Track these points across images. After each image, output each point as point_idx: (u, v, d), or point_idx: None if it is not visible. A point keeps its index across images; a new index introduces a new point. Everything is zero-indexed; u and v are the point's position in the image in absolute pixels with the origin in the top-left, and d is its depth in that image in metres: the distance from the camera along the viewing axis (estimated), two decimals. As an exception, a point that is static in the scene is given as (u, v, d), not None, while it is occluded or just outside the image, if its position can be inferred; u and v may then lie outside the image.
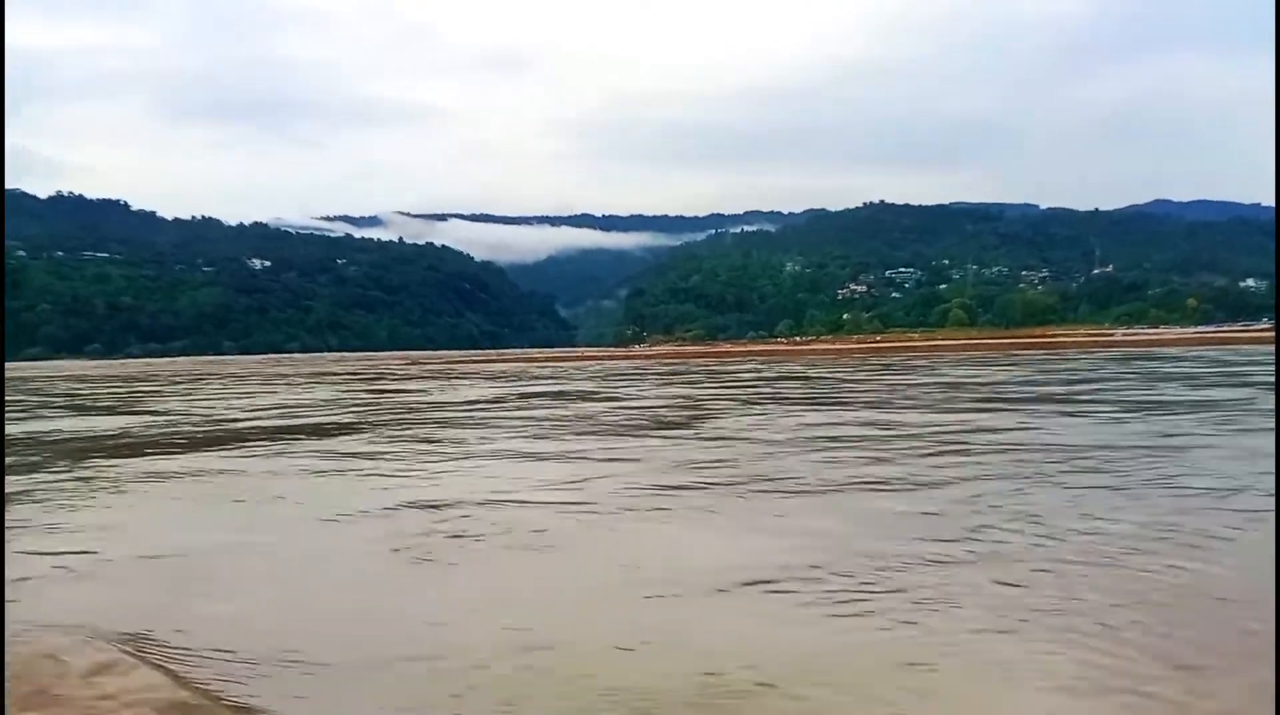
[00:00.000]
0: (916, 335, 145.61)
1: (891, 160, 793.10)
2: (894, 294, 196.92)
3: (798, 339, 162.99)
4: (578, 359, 76.17)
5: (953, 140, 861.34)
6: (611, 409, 17.72)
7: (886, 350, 72.40)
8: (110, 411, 20.81)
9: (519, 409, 18.25)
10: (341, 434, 13.76)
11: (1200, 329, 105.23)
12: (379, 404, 21.08)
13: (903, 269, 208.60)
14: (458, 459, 10.39)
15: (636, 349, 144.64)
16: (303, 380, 37.25)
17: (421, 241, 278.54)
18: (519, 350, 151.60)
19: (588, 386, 27.26)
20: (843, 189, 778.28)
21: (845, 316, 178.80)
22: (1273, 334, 79.00)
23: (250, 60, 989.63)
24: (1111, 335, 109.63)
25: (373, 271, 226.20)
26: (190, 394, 27.98)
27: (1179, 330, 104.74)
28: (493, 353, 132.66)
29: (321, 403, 22.28)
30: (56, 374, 58.58)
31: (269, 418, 17.45)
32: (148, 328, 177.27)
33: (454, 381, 33.15)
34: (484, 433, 13.40)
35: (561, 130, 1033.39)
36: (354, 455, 10.88)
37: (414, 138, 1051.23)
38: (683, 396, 21.16)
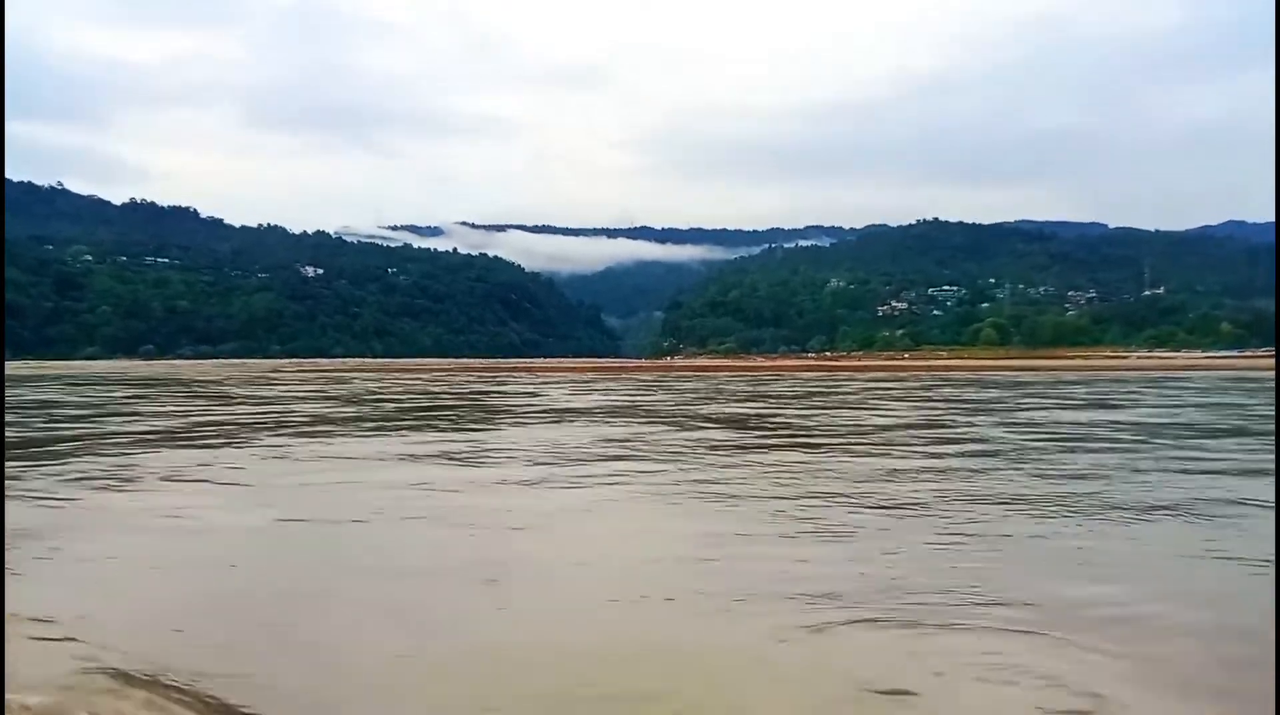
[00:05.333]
0: (945, 353, 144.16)
1: (962, 176, 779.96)
2: (934, 312, 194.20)
3: (828, 354, 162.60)
4: (553, 370, 77.71)
5: (1026, 156, 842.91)
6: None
7: (863, 369, 72.33)
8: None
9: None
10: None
11: (1215, 353, 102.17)
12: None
13: (946, 287, 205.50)
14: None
15: (633, 361, 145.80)
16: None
17: (478, 252, 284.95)
18: (516, 359, 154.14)
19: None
20: (906, 205, 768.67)
21: (882, 333, 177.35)
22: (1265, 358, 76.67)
23: (331, 71, 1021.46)
24: (1126, 357, 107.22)
25: (422, 280, 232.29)
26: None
27: (1189, 354, 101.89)
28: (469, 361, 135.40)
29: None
30: (204, 374, 62.50)
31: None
32: (201, 330, 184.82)
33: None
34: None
35: (629, 143, 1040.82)
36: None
37: (486, 148, 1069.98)
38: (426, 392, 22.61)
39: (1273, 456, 11.06)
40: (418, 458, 11.59)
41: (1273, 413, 18.34)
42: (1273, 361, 71.72)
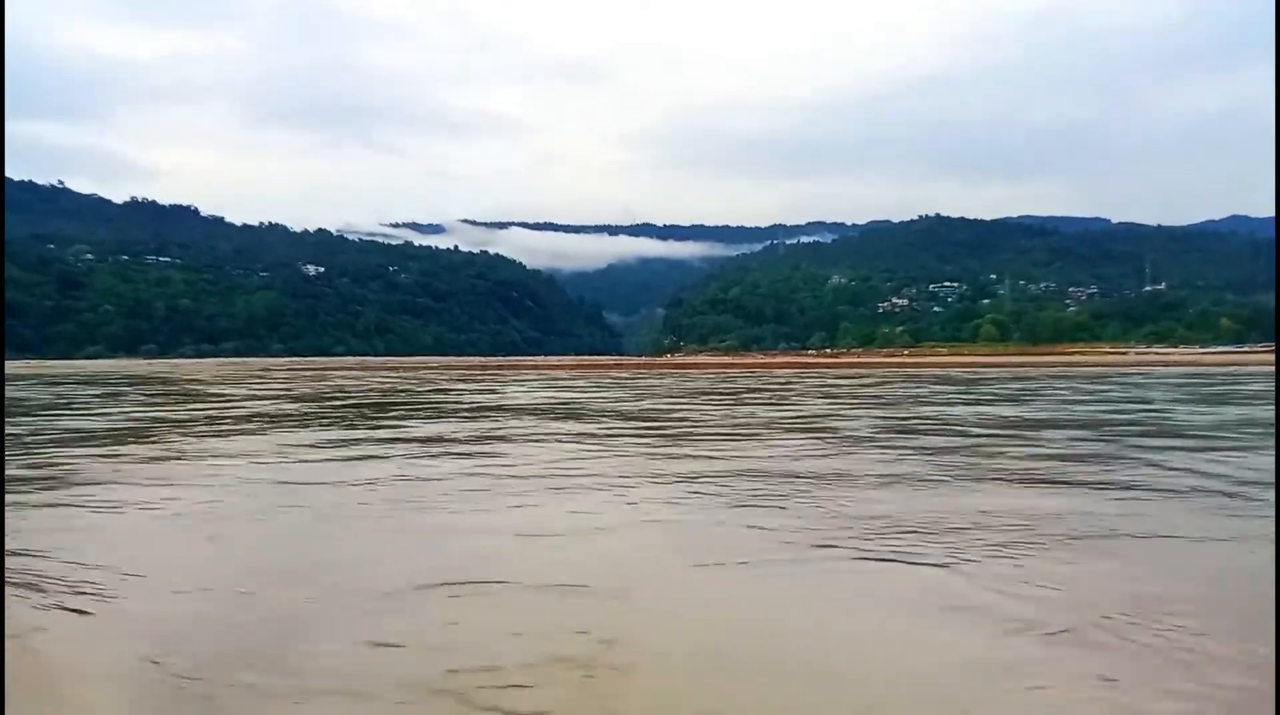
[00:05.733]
0: (945, 350, 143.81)
1: (966, 173, 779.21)
2: (935, 308, 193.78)
3: (829, 352, 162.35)
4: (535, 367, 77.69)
5: (1029, 152, 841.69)
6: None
7: (839, 365, 72.14)
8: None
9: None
10: None
11: (1212, 349, 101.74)
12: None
13: (947, 283, 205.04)
14: None
15: (616, 359, 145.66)
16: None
17: (479, 249, 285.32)
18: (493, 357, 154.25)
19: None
20: (910, 201, 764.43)
21: (882, 330, 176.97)
22: (1260, 355, 76.32)
23: (333, 68, 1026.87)
24: (1125, 353, 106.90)
25: (423, 278, 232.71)
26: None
27: (1186, 350, 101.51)
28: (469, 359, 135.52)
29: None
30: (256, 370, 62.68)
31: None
32: (202, 329, 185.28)
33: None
34: None
35: (631, 140, 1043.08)
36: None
37: (488, 146, 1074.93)
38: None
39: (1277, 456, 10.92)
40: (289, 449, 11.87)
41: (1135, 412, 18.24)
42: (1259, 357, 71.45)
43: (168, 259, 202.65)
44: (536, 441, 12.96)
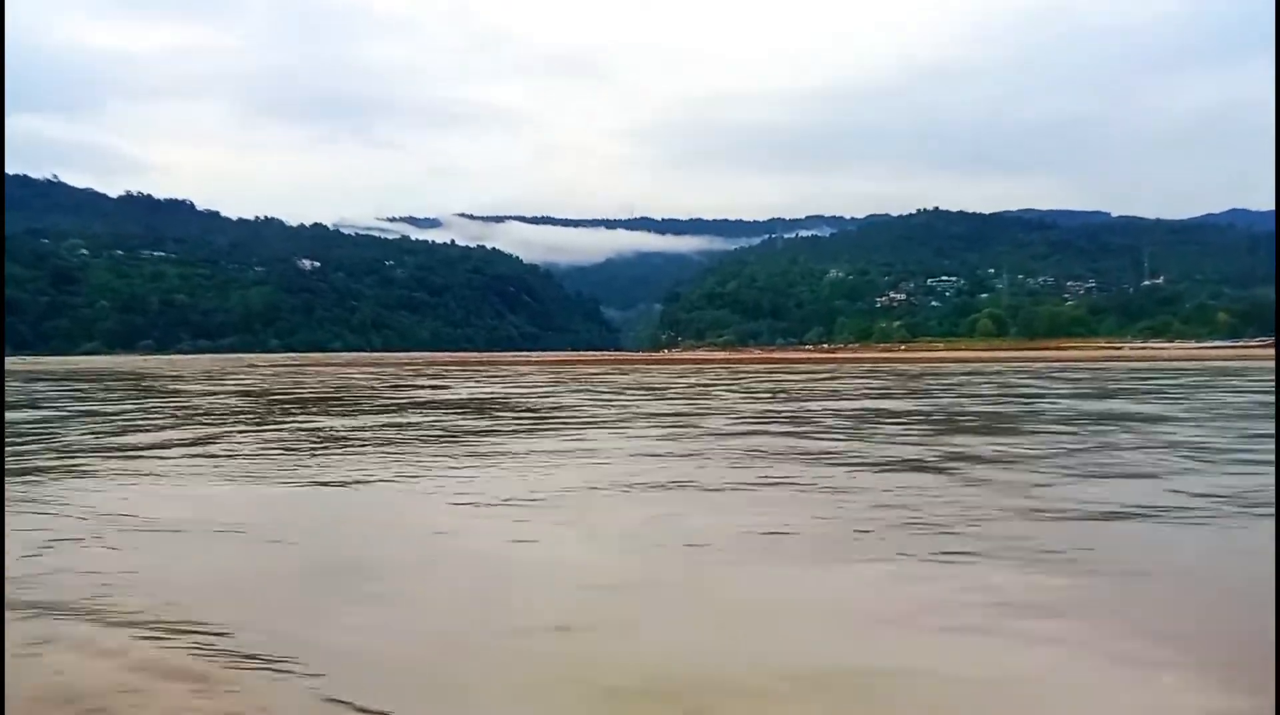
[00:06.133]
0: (942, 344, 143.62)
1: (966, 167, 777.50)
2: (933, 302, 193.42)
3: (825, 346, 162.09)
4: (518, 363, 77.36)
5: (1030, 145, 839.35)
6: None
7: (807, 361, 71.82)
8: None
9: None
10: None
11: (1206, 344, 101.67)
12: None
13: (945, 277, 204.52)
14: None
15: (591, 354, 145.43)
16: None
17: (476, 244, 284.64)
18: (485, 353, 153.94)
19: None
20: (910, 195, 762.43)
21: (879, 325, 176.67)
22: (1258, 349, 76.03)
23: (331, 63, 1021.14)
24: (1119, 348, 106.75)
25: (419, 273, 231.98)
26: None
27: (1181, 345, 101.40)
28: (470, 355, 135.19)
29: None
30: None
31: None
32: (199, 324, 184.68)
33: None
34: None
35: (631, 134, 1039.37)
36: None
37: (488, 140, 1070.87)
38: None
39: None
40: (169, 446, 12.13)
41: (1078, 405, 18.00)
42: (1254, 352, 71.21)
43: (162, 253, 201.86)
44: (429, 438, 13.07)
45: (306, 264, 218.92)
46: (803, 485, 8.26)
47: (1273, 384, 25.11)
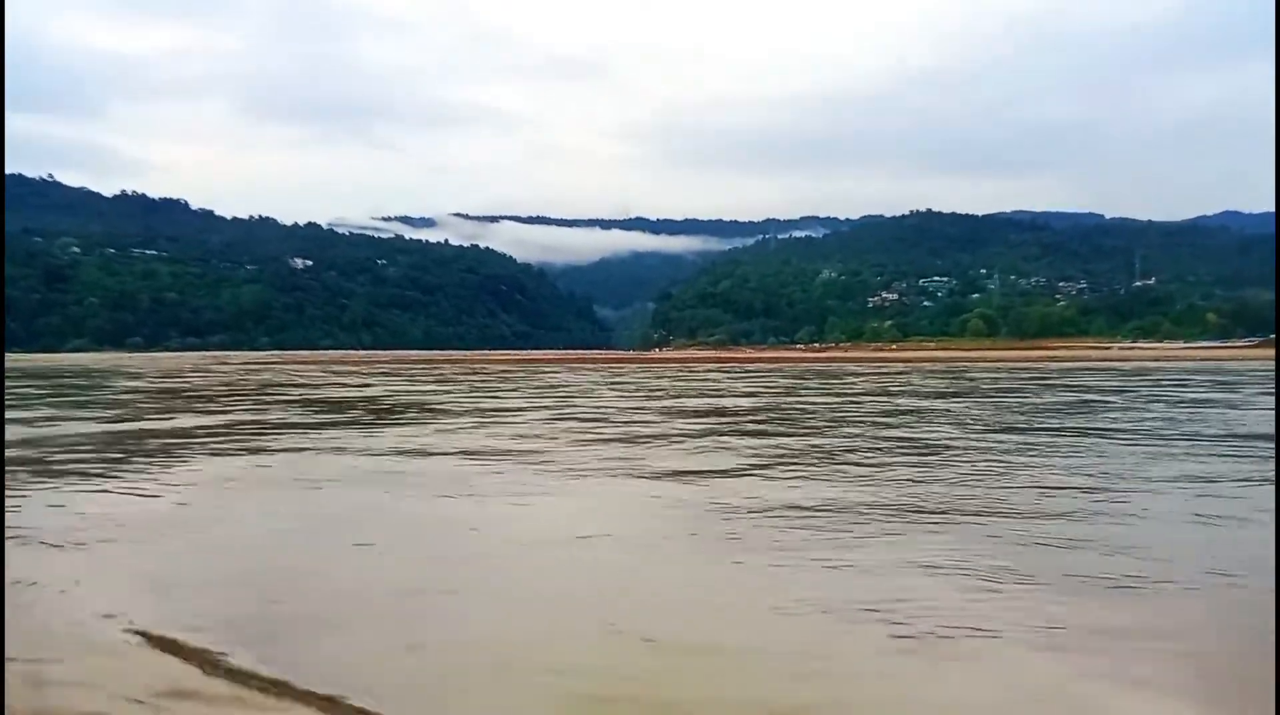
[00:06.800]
0: (932, 344, 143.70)
1: (960, 168, 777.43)
2: (925, 303, 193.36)
3: (816, 346, 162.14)
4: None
5: (1022, 147, 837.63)
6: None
7: (781, 361, 71.88)
8: None
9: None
10: None
11: (1194, 344, 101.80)
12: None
13: (937, 278, 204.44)
14: None
15: (575, 353, 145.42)
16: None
17: (471, 243, 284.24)
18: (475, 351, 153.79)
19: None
20: (903, 196, 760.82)
21: (871, 324, 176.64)
22: (1242, 349, 76.12)
23: (330, 63, 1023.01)
24: (1108, 348, 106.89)
25: (411, 272, 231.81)
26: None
27: (1170, 345, 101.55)
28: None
29: None
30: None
31: None
32: (188, 322, 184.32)
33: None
34: None
35: (627, 134, 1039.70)
36: None
37: (484, 140, 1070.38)
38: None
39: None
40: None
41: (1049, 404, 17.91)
42: (1236, 352, 71.29)
43: (154, 252, 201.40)
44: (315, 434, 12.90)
45: (299, 263, 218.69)
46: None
47: (1274, 384, 25.12)
